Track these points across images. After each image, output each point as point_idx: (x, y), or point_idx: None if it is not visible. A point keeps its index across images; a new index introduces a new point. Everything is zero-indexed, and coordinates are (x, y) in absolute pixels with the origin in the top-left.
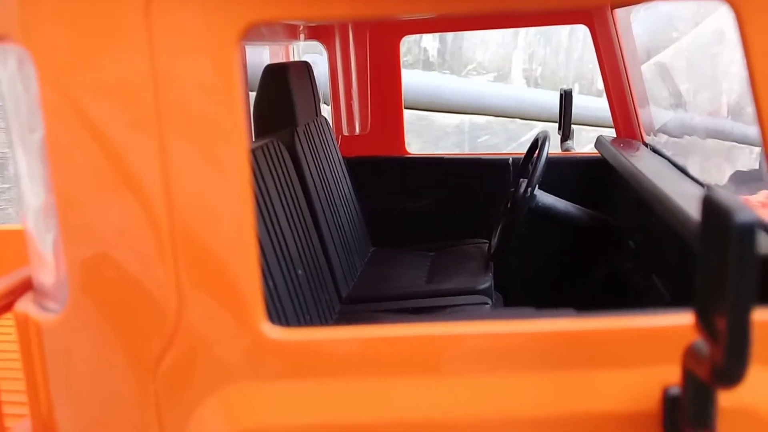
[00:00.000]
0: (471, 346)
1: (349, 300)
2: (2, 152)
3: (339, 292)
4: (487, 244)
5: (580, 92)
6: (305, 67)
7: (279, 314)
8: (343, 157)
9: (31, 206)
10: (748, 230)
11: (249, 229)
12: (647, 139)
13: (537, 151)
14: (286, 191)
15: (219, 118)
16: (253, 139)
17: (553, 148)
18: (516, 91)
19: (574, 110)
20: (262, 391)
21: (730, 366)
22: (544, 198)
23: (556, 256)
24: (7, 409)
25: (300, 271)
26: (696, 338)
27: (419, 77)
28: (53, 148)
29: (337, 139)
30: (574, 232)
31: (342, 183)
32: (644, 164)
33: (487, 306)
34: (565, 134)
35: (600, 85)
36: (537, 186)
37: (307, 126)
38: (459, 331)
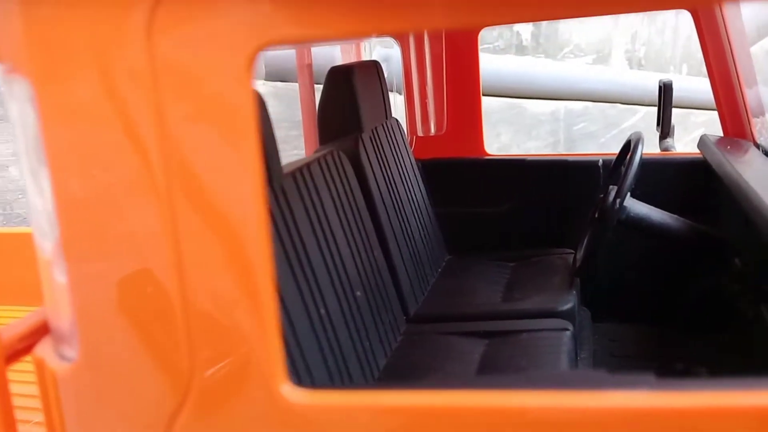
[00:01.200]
0: (533, 419)
1: (417, 318)
2: None
3: (406, 309)
4: (573, 256)
5: (689, 73)
6: (374, 67)
7: (331, 343)
8: (417, 160)
9: (45, 246)
10: None
11: (267, 286)
12: (760, 139)
13: (629, 156)
14: (346, 205)
15: (229, 164)
16: (318, 146)
17: (653, 146)
18: (616, 74)
19: (683, 93)
20: None
21: None
22: (637, 208)
23: (650, 269)
24: None
25: (359, 293)
26: None
27: (511, 63)
28: (58, 188)
29: (411, 140)
30: (670, 245)
31: (414, 188)
32: (753, 171)
33: (568, 332)
34: (665, 131)
35: None
36: (628, 194)
37: (375, 131)
38: (520, 402)
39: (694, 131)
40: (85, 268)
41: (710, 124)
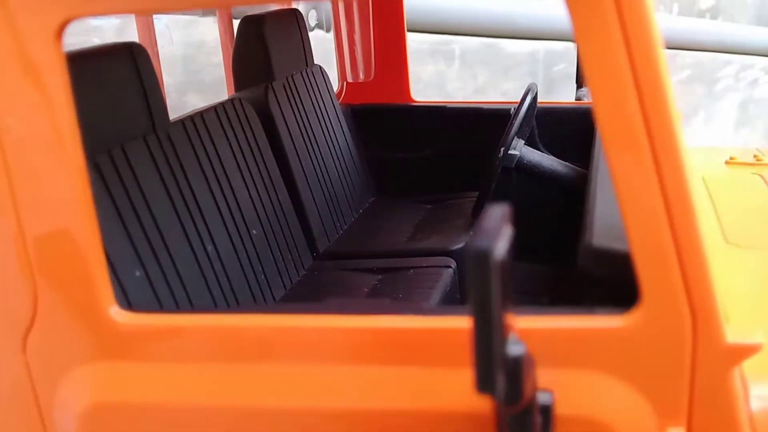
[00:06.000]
0: (296, 338)
1: (325, 255)
2: None
3: (314, 247)
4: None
5: (680, 13)
6: (293, 15)
7: (218, 277)
8: (348, 105)
9: None
10: (481, 256)
11: (90, 219)
12: None
13: (517, 106)
14: (246, 150)
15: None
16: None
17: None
18: None
19: (672, 33)
20: (111, 370)
21: (482, 389)
22: (529, 155)
23: (546, 212)
24: None
25: (255, 231)
26: None
27: (488, 0)
28: None
29: (342, 86)
30: (561, 189)
31: (337, 134)
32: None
33: (450, 269)
34: (579, 82)
35: (702, 4)
36: (522, 142)
37: (290, 78)
38: (289, 323)
39: (680, 73)
40: None
41: (697, 66)
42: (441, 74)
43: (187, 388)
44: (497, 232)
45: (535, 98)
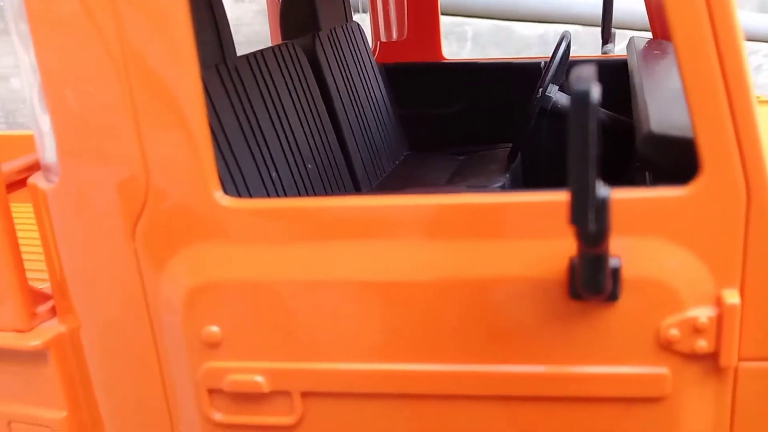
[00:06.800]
0: (398, 215)
1: None
2: None
3: (359, 187)
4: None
5: None
6: None
7: None
8: (381, 64)
9: (31, 94)
10: (583, 98)
11: (201, 116)
12: None
13: (552, 53)
14: (300, 92)
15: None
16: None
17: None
18: None
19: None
20: (215, 252)
21: (575, 225)
22: (562, 99)
23: None
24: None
25: (310, 166)
26: None
27: None
28: (37, 41)
29: (375, 45)
30: (601, 135)
31: (374, 89)
32: (655, 67)
33: None
34: (605, 38)
35: None
36: (557, 88)
37: (333, 31)
38: (376, 202)
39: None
40: (63, 105)
41: None
42: (454, 55)
43: (283, 265)
44: (593, 81)
45: (568, 46)
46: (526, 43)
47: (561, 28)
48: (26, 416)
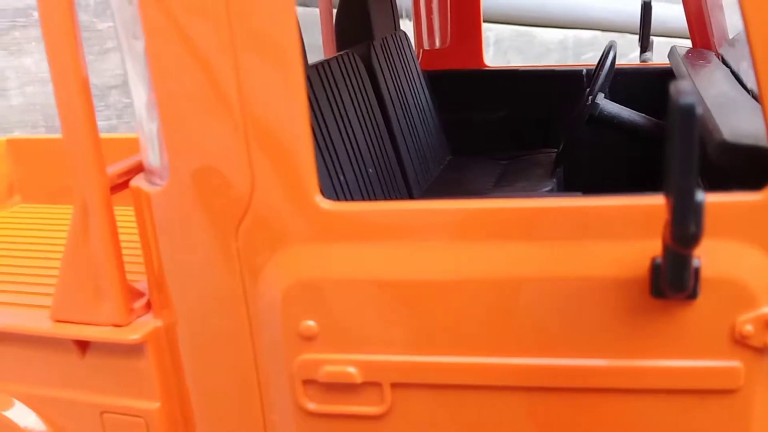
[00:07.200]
0: (480, 217)
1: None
2: None
3: (411, 192)
4: (556, 153)
5: None
6: None
7: None
8: (424, 71)
9: (138, 102)
10: (687, 111)
11: (305, 126)
12: (721, 49)
13: (600, 61)
14: (360, 100)
15: (278, 38)
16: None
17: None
18: (628, 4)
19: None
20: (314, 251)
21: (676, 228)
22: (609, 106)
23: (627, 166)
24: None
25: (371, 170)
26: None
27: None
28: (152, 54)
29: (419, 53)
30: (642, 142)
31: (420, 95)
32: (702, 76)
33: None
34: (644, 46)
35: None
36: (603, 96)
37: (384, 40)
38: (472, 206)
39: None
40: (173, 114)
41: None
42: None
43: (377, 264)
44: (696, 94)
45: (615, 56)
46: (547, 48)
47: (580, 34)
48: (119, 407)
